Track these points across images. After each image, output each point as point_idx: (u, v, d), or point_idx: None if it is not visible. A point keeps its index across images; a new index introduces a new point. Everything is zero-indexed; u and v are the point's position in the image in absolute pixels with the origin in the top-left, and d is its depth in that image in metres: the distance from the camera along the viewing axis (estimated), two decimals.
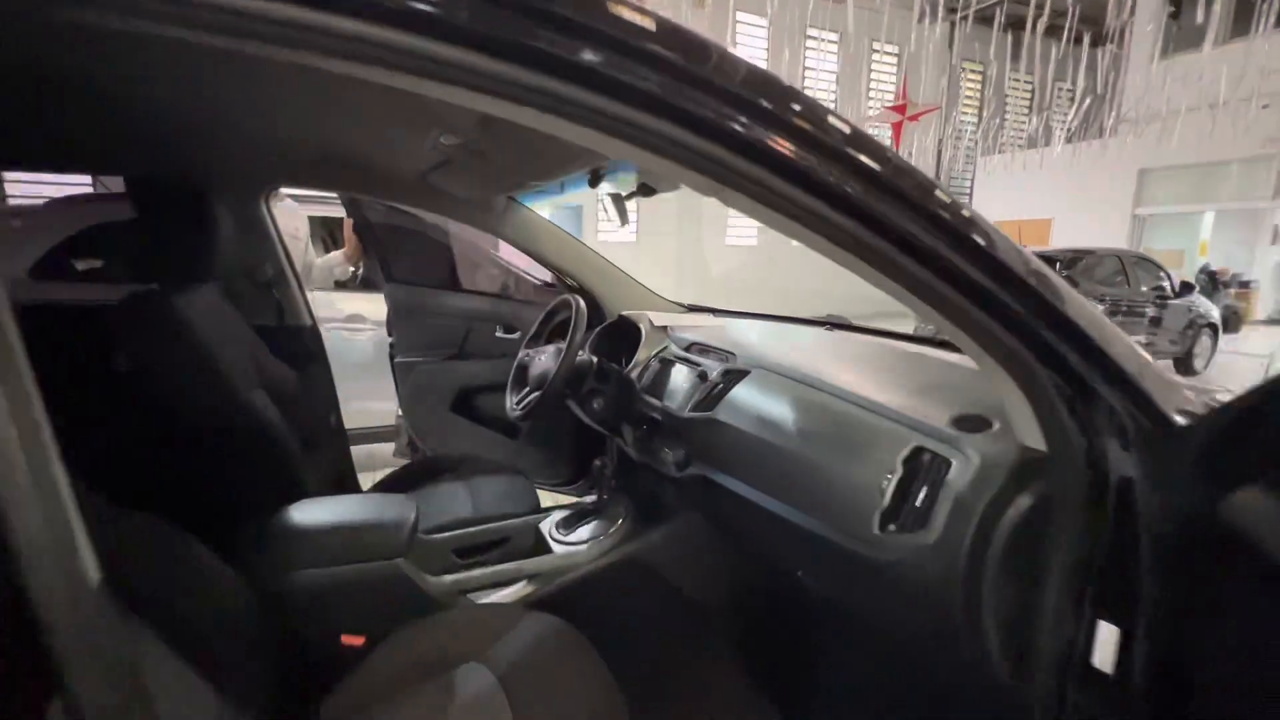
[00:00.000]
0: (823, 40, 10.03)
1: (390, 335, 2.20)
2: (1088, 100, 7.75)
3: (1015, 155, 10.20)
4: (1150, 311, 6.22)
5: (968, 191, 11.87)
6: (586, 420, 1.55)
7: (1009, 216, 10.67)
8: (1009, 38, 8.00)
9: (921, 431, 0.84)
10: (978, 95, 11.16)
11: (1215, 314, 6.78)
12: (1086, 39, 7.01)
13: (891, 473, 0.82)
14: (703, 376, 1.24)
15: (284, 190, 2.22)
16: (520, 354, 1.61)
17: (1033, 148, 9.38)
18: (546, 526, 1.42)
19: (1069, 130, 8.48)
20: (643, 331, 1.61)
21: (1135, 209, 9.37)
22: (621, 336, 1.72)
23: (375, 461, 2.53)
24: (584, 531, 1.36)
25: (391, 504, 1.17)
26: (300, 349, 1.69)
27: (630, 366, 1.53)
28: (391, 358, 2.16)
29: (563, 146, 1.08)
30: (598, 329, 1.79)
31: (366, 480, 1.79)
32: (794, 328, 1.54)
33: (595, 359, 1.50)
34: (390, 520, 1.12)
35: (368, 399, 3.16)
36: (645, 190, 1.24)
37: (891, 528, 0.81)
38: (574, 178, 1.28)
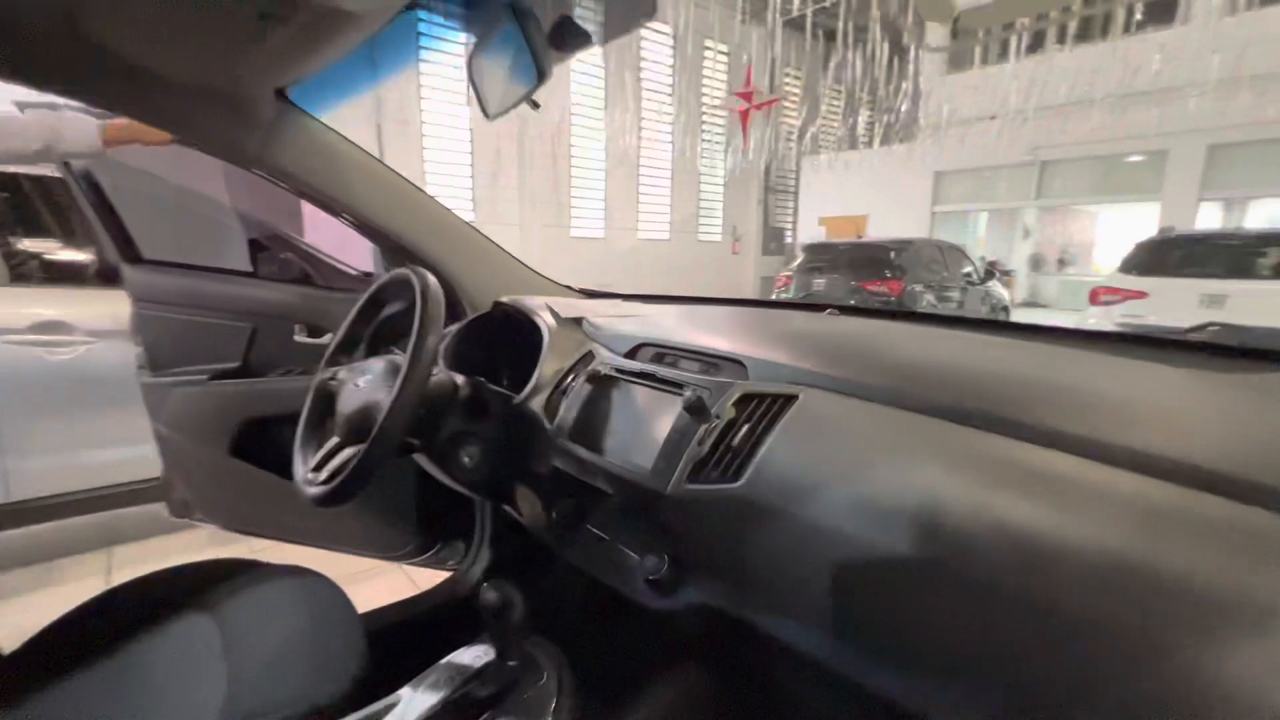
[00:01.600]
0: (657, 33, 9.96)
1: (137, 344, 1.49)
2: (903, 106, 8.46)
3: (837, 155, 10.99)
4: (959, 295, 6.95)
5: (793, 189, 12.63)
6: (451, 484, 0.90)
7: (832, 212, 11.56)
8: (821, 46, 8.42)
9: None
10: (798, 97, 11.85)
11: (1007, 298, 7.80)
12: (909, 47, 7.58)
13: None
14: (696, 410, 0.64)
15: None
16: (319, 375, 0.88)
17: (852, 149, 10.14)
18: None
19: (878, 134, 9.25)
20: (543, 330, 0.95)
21: (933, 207, 10.59)
22: (501, 339, 1.06)
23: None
24: None
25: None
26: None
27: (528, 391, 0.88)
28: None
29: None
30: (459, 326, 1.10)
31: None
32: (782, 314, 1.00)
33: (460, 379, 0.85)
34: None
35: (70, 449, 2.09)
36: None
37: None
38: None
